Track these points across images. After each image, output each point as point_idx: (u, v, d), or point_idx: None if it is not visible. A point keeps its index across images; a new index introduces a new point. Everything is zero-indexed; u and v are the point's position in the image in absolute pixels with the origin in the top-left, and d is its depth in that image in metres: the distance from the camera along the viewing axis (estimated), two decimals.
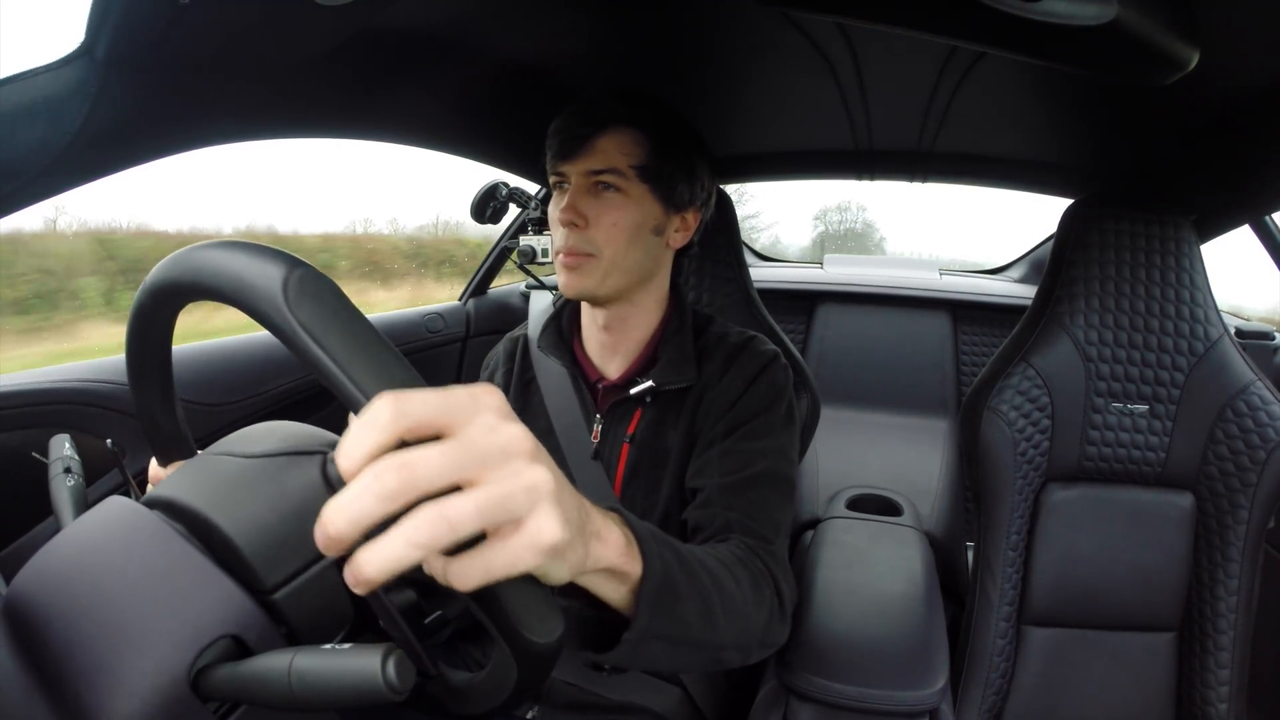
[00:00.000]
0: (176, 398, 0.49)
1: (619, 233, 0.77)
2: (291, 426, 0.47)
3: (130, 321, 0.42)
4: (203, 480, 0.41)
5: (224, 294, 0.35)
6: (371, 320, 0.33)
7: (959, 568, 1.52)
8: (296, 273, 0.32)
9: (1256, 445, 1.00)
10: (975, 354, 1.84)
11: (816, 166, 1.40)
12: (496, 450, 0.30)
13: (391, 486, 0.27)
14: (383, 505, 0.27)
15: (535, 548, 0.30)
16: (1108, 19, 0.53)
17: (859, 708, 0.81)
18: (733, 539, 0.69)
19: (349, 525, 0.27)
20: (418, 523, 0.27)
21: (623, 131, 0.77)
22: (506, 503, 0.29)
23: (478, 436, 0.29)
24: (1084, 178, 1.24)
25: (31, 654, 0.35)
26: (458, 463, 0.28)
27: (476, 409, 0.30)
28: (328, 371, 0.31)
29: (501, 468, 0.30)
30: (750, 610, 0.60)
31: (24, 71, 0.53)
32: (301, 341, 0.31)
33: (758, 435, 0.77)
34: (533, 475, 0.30)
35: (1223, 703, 1.03)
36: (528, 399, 0.91)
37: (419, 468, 0.27)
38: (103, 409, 0.91)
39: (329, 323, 0.32)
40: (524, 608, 0.34)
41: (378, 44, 0.76)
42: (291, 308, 0.31)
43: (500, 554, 0.30)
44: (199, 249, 0.37)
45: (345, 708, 0.32)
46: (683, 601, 0.50)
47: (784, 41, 0.83)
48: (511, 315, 1.83)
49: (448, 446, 0.28)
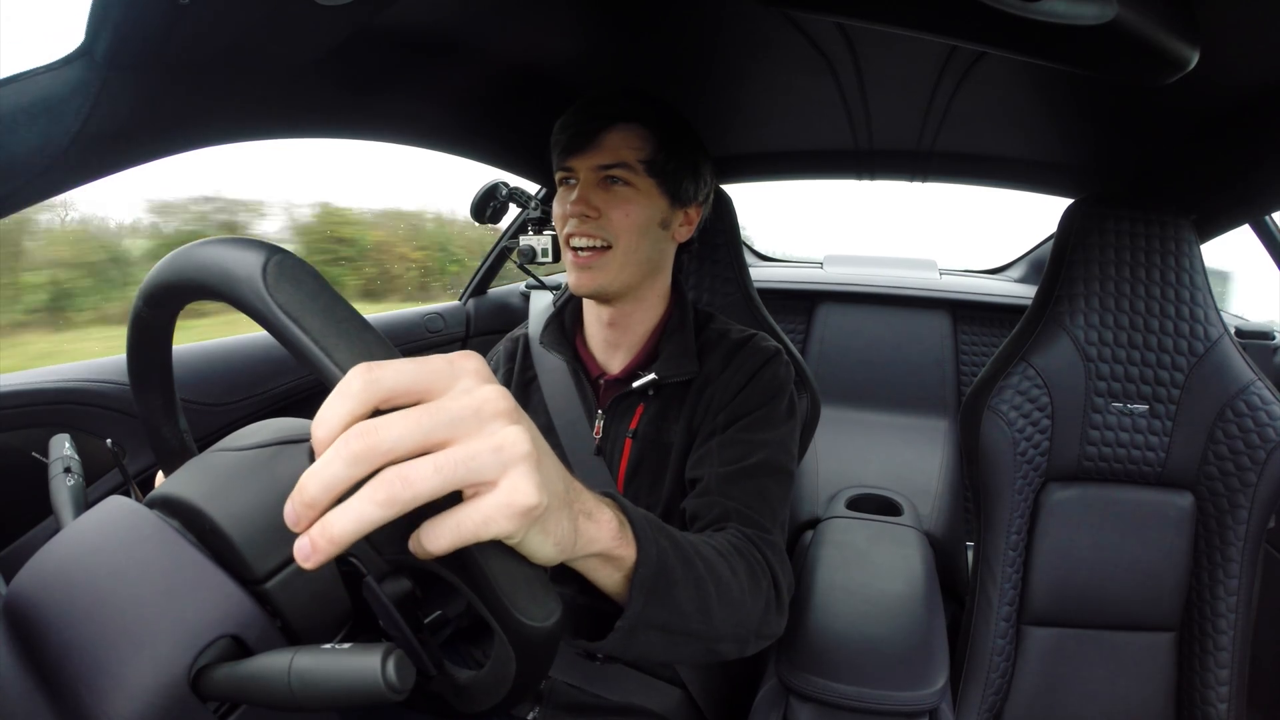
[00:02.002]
0: (179, 407, 0.49)
1: (630, 224, 0.78)
2: (284, 420, 0.47)
3: (129, 330, 0.43)
4: (198, 475, 0.42)
5: (211, 288, 0.35)
6: (372, 320, 0.33)
7: (959, 568, 1.52)
8: (275, 258, 0.33)
9: (1256, 445, 1.00)
10: (975, 354, 1.84)
11: (816, 166, 1.40)
12: (469, 412, 0.29)
13: (356, 449, 0.27)
14: (350, 469, 0.27)
15: (508, 508, 0.30)
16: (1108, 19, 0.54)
17: (859, 707, 0.81)
18: (730, 528, 0.68)
19: (321, 490, 0.27)
20: (380, 483, 0.27)
21: (631, 127, 0.78)
22: (470, 462, 0.29)
23: (449, 401, 0.29)
24: (1084, 178, 1.24)
25: (31, 654, 0.35)
26: (424, 425, 0.28)
27: (453, 374, 0.30)
28: (305, 349, 0.31)
29: (473, 430, 0.29)
30: (747, 600, 0.60)
31: (24, 71, 0.53)
32: (280, 322, 0.31)
33: (758, 427, 0.77)
34: (504, 436, 0.30)
35: (1223, 703, 1.03)
36: (528, 397, 0.91)
37: (383, 430, 0.27)
38: (103, 409, 0.91)
39: (306, 303, 0.32)
40: (513, 586, 0.33)
41: (378, 44, 0.76)
42: (270, 291, 0.32)
43: (470, 514, 0.30)
44: (187, 249, 0.37)
45: (345, 708, 0.32)
46: (678, 589, 0.49)
47: (784, 41, 0.83)
48: (511, 315, 1.83)
49: (416, 410, 0.28)
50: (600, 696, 0.83)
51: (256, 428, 0.46)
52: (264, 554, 0.38)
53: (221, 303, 0.35)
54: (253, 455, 0.42)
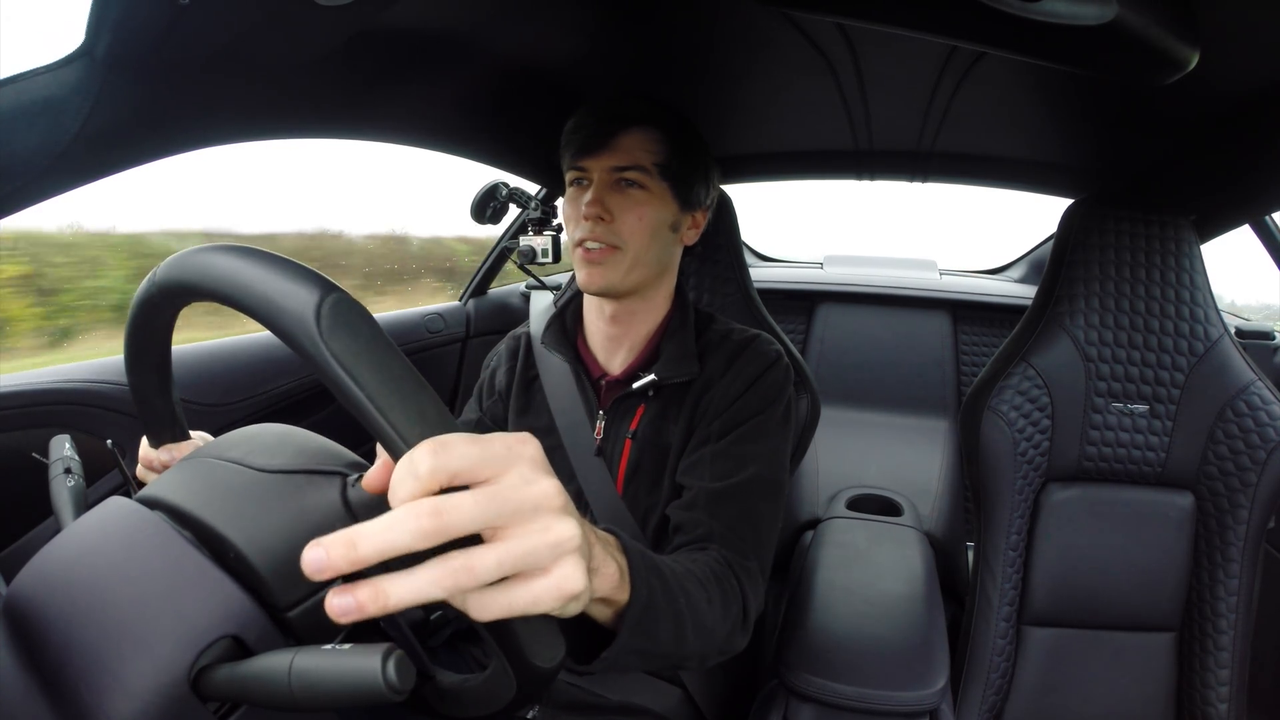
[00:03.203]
0: (174, 381, 0.48)
1: (643, 227, 0.78)
2: (307, 440, 0.46)
3: (135, 309, 0.42)
4: (214, 491, 0.41)
5: (245, 307, 0.34)
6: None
7: (959, 568, 1.52)
8: (330, 298, 0.32)
9: (1256, 445, 1.00)
10: (975, 354, 1.84)
11: (816, 166, 1.40)
12: (529, 505, 0.32)
13: (426, 527, 0.29)
14: (414, 542, 0.29)
15: (558, 594, 0.33)
16: (1108, 19, 0.54)
17: (859, 708, 0.81)
18: (712, 550, 0.70)
19: (376, 554, 0.29)
20: (446, 570, 0.30)
21: (645, 130, 0.79)
22: (529, 557, 0.32)
23: (510, 491, 0.31)
24: (1084, 178, 1.24)
25: (32, 654, 0.35)
26: (489, 514, 0.31)
27: (511, 460, 0.32)
28: (364, 411, 0.31)
29: (531, 521, 0.32)
30: (718, 626, 0.63)
31: (24, 71, 0.53)
32: (334, 372, 0.31)
33: (752, 438, 0.77)
34: (560, 531, 0.33)
35: (1223, 703, 1.03)
36: (530, 396, 0.91)
37: (452, 515, 0.29)
38: (103, 409, 0.91)
39: (362, 355, 0.31)
40: (534, 638, 0.35)
41: (379, 44, 0.76)
42: (325, 337, 0.31)
43: (523, 594, 0.32)
44: (223, 255, 0.36)
45: (345, 708, 0.32)
46: (660, 624, 0.52)
47: (784, 41, 0.83)
48: (511, 315, 1.83)
49: (482, 496, 0.31)
50: (600, 695, 0.83)
51: (274, 442, 0.45)
52: (290, 585, 0.38)
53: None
54: (279, 481, 0.42)
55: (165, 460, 0.52)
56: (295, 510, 0.40)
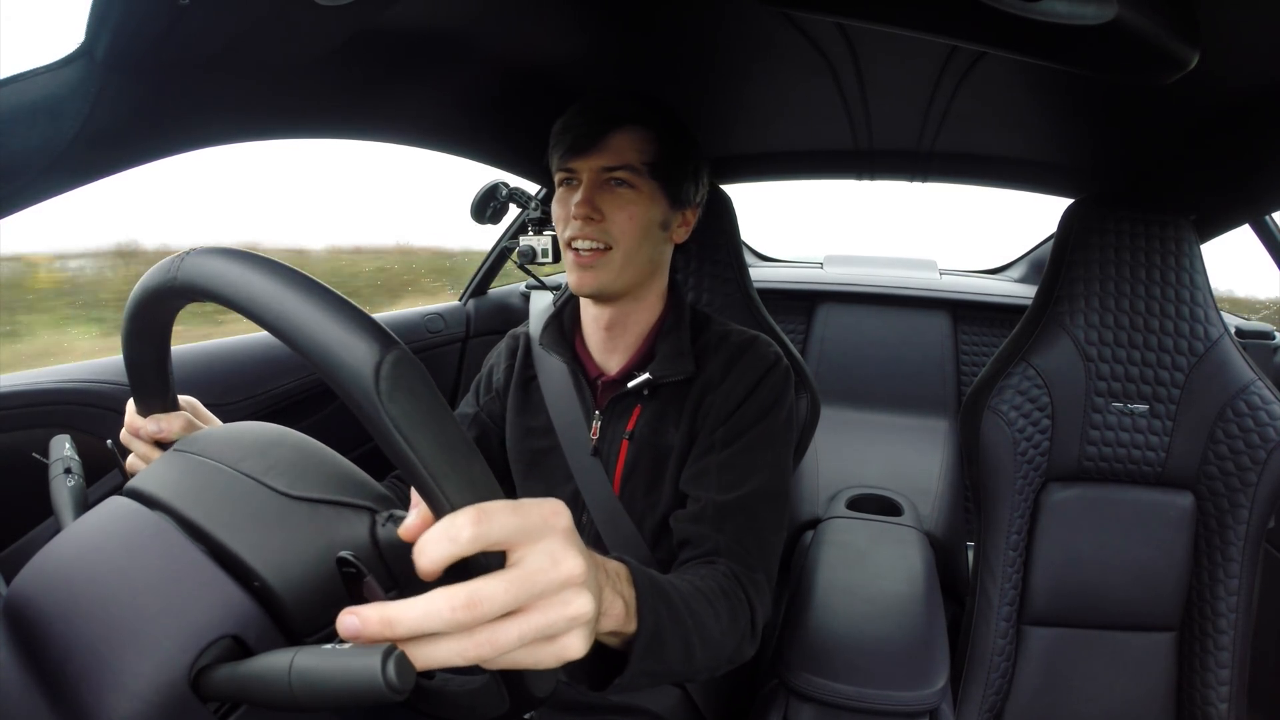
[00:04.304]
0: (170, 357, 0.48)
1: (634, 226, 0.78)
2: (333, 465, 0.45)
3: (140, 294, 0.41)
4: (236, 512, 0.40)
5: (287, 338, 0.33)
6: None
7: (959, 568, 1.52)
8: (390, 356, 0.31)
9: (1256, 445, 1.00)
10: (975, 354, 1.84)
11: (816, 167, 1.40)
12: (556, 585, 0.34)
13: (462, 619, 0.31)
14: (447, 628, 0.31)
15: (560, 657, 0.35)
16: (1108, 19, 0.54)
17: (859, 707, 0.81)
18: (720, 564, 0.71)
19: (410, 633, 0.31)
20: (471, 643, 0.32)
21: (635, 130, 0.78)
22: (547, 630, 0.34)
23: (539, 575, 0.34)
24: (1084, 178, 1.24)
25: (32, 654, 0.35)
26: (519, 598, 0.33)
27: (545, 533, 0.35)
28: (415, 472, 0.31)
29: (554, 597, 0.34)
30: (727, 640, 0.64)
31: (24, 71, 0.53)
32: (390, 434, 0.31)
33: (757, 446, 0.78)
34: (579, 607, 0.35)
35: (1223, 702, 1.03)
36: (529, 396, 0.91)
37: (485, 605, 0.31)
38: (103, 409, 0.91)
39: (420, 422, 0.31)
40: (535, 676, 0.37)
41: (378, 44, 0.76)
42: (384, 399, 0.31)
43: (526, 655, 0.34)
44: (259, 270, 0.34)
45: (345, 708, 0.32)
46: (668, 648, 0.54)
47: (784, 42, 0.83)
48: (511, 315, 1.83)
49: (514, 585, 0.33)
50: (600, 697, 0.83)
51: (299, 462, 0.44)
52: (312, 617, 0.39)
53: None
54: (306, 511, 0.41)
55: (152, 431, 0.51)
56: (324, 546, 0.40)
